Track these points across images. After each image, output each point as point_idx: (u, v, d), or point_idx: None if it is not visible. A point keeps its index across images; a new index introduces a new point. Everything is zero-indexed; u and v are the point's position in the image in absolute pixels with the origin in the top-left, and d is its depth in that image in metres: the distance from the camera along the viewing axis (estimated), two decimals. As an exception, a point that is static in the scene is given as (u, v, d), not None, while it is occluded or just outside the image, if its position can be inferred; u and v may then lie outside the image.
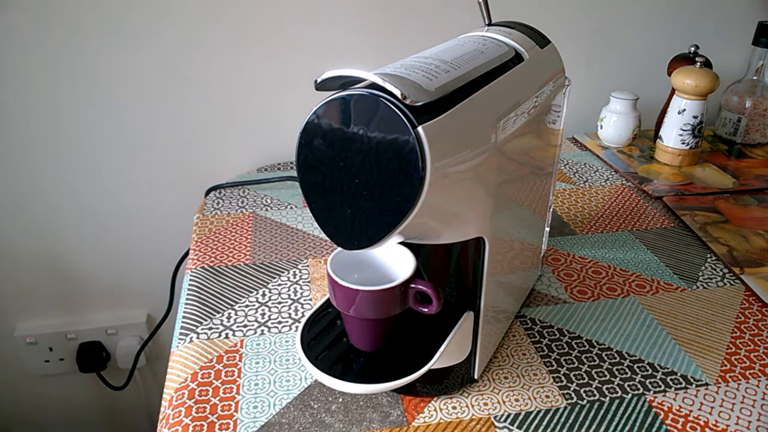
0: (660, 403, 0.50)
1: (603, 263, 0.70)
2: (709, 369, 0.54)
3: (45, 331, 1.07)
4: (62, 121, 0.92)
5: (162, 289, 1.07)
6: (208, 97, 0.95)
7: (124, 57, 0.90)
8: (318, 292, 0.65)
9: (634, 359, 0.55)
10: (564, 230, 0.77)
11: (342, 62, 0.98)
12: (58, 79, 0.90)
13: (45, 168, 0.95)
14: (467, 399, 0.51)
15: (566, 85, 0.57)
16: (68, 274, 1.05)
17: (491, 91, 0.42)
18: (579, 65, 1.06)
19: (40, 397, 1.16)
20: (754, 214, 0.81)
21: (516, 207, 0.50)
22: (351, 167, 0.35)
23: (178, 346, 0.57)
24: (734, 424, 0.48)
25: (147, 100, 0.93)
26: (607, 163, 0.96)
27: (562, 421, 0.49)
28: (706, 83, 0.88)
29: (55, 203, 0.98)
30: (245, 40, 0.92)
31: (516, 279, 0.56)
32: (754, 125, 1.02)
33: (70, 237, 1.01)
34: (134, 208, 1.01)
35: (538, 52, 0.52)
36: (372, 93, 0.34)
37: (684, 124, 0.92)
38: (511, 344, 0.57)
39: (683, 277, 0.67)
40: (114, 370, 1.13)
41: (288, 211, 0.82)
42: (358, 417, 0.49)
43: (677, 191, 0.87)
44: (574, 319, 0.60)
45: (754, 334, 0.59)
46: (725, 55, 1.03)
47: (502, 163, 0.43)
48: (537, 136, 0.51)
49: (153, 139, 0.96)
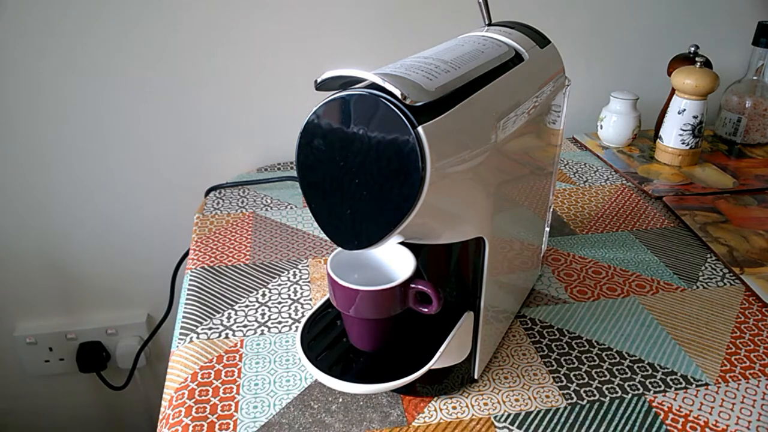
0: (660, 403, 0.50)
1: (603, 263, 0.70)
2: (709, 369, 0.54)
3: (45, 331, 1.07)
4: (62, 121, 0.92)
5: (162, 289, 1.07)
6: (208, 97, 0.95)
7: (124, 58, 0.90)
8: (318, 292, 0.65)
9: (634, 359, 0.55)
10: (564, 230, 0.77)
11: (342, 62, 0.98)
12: (58, 80, 0.90)
13: (45, 168, 0.95)
14: (467, 399, 0.51)
15: (566, 85, 0.57)
16: (68, 274, 1.05)
17: (491, 91, 0.42)
18: (579, 65, 1.06)
19: (40, 397, 1.16)
20: (754, 214, 0.81)
21: (516, 207, 0.50)
22: (351, 167, 0.35)
23: (178, 346, 0.57)
24: (734, 424, 0.48)
25: (147, 100, 0.93)
26: (607, 163, 0.96)
27: (562, 421, 0.49)
28: (706, 83, 0.88)
29: (55, 203, 0.98)
30: (245, 40, 0.92)
31: (516, 279, 0.57)
32: (754, 125, 1.02)
33: (70, 237, 1.01)
34: (134, 208, 1.01)
35: (538, 52, 0.52)
36: (372, 93, 0.34)
37: (684, 124, 0.92)
38: (511, 344, 0.57)
39: (683, 277, 0.67)
40: (114, 370, 1.13)
41: (288, 211, 0.82)
42: (358, 417, 0.49)
43: (677, 191, 0.87)
44: (574, 319, 0.60)
45: (754, 334, 0.59)
46: (725, 55, 1.03)
47: (502, 163, 0.43)
48: (537, 136, 0.51)
49: (153, 139, 0.96)
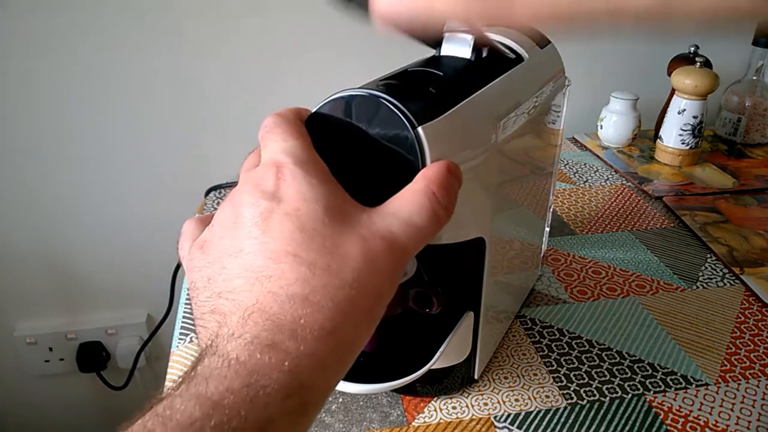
0: (660, 403, 0.50)
1: (603, 263, 0.70)
2: (709, 369, 0.54)
3: (45, 331, 1.07)
4: (62, 122, 0.92)
5: (162, 289, 1.06)
6: (209, 97, 0.95)
7: (124, 58, 0.90)
8: (318, 292, 0.65)
9: (634, 359, 0.55)
10: (564, 230, 0.77)
11: (342, 62, 0.98)
12: (58, 81, 0.90)
13: (45, 168, 0.95)
14: (467, 399, 0.51)
15: (566, 85, 0.57)
16: (68, 274, 1.05)
17: (491, 91, 0.42)
18: (579, 65, 1.06)
19: (40, 398, 1.16)
20: (754, 214, 0.81)
21: (516, 207, 0.50)
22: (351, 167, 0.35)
23: (178, 346, 0.57)
24: (734, 424, 0.48)
25: (147, 100, 0.93)
26: (607, 163, 0.96)
27: (562, 421, 0.49)
28: (706, 83, 0.88)
29: (55, 203, 0.98)
30: (245, 40, 0.92)
31: (516, 279, 0.56)
32: (754, 125, 1.02)
33: (71, 237, 1.01)
34: (134, 208, 1.01)
35: (538, 52, 0.52)
36: (372, 93, 0.34)
37: (684, 124, 0.92)
38: (511, 344, 0.57)
39: (683, 277, 0.67)
40: (114, 370, 1.13)
41: (288, 211, 0.82)
42: (358, 417, 0.49)
43: (677, 191, 0.87)
44: (574, 319, 0.60)
45: (754, 334, 0.59)
46: (725, 55, 1.03)
47: (502, 163, 0.43)
48: (537, 136, 0.51)
49: (153, 139, 0.96)
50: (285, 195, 0.28)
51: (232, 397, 0.23)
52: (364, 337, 0.28)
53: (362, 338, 0.28)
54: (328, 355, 0.26)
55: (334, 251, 0.27)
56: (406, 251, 0.29)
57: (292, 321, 0.25)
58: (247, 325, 0.25)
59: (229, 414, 0.23)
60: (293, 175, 0.29)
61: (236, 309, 0.26)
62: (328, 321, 0.26)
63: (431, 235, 0.30)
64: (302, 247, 0.27)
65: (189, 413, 0.23)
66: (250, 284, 0.27)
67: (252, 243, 0.28)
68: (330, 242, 0.27)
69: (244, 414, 0.23)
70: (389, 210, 0.29)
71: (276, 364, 0.24)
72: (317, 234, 0.27)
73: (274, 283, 0.26)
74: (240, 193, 0.30)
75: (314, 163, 0.30)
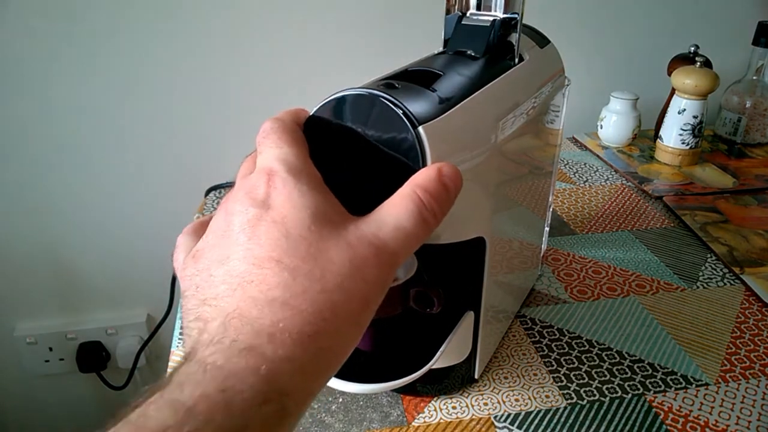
0: (660, 403, 0.50)
1: (603, 263, 0.70)
2: (709, 369, 0.54)
3: (45, 331, 1.07)
4: (62, 122, 0.92)
5: (162, 289, 1.06)
6: (208, 98, 0.95)
7: (124, 58, 0.90)
8: (318, 292, 0.65)
9: (634, 359, 0.55)
10: (564, 230, 0.77)
11: (341, 62, 0.98)
12: (58, 81, 0.90)
13: (45, 168, 0.95)
14: (467, 399, 0.51)
15: (566, 85, 0.57)
16: (68, 274, 1.05)
17: (491, 91, 0.42)
18: (579, 65, 1.06)
19: (40, 398, 1.16)
20: (754, 214, 0.81)
21: (516, 207, 0.50)
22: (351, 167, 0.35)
23: (178, 346, 0.57)
24: (734, 424, 0.48)
25: (147, 100, 0.93)
26: (607, 163, 0.96)
27: (562, 421, 0.49)
28: (706, 83, 0.88)
29: (55, 203, 0.98)
30: (245, 40, 0.92)
31: (516, 279, 0.56)
32: (754, 125, 1.02)
33: (71, 237, 1.01)
34: (134, 208, 1.01)
35: (537, 52, 0.52)
36: (372, 93, 0.34)
37: (684, 124, 0.92)
38: (511, 344, 0.57)
39: (683, 277, 0.67)
40: (114, 370, 1.13)
41: (288, 211, 0.82)
42: (358, 417, 0.49)
43: (677, 191, 0.87)
44: (574, 319, 0.60)
45: (754, 334, 0.59)
46: (725, 55, 1.03)
47: (502, 163, 0.43)
48: (537, 136, 0.51)
49: (153, 139, 0.96)
50: (274, 203, 0.28)
51: (207, 402, 0.23)
52: (349, 342, 0.27)
53: (347, 344, 0.27)
54: (308, 361, 0.25)
55: (318, 257, 0.27)
56: (395, 256, 0.29)
57: (270, 325, 0.25)
58: (227, 330, 0.25)
59: (203, 420, 0.22)
60: (284, 183, 0.29)
61: (218, 315, 0.26)
62: (308, 325, 0.25)
63: (421, 239, 0.29)
64: (286, 253, 0.27)
65: (162, 420, 0.22)
66: (233, 290, 0.26)
67: (238, 250, 0.27)
68: (314, 248, 0.27)
69: (220, 420, 0.22)
70: (378, 216, 0.29)
71: (253, 368, 0.24)
72: (302, 240, 0.27)
73: (255, 288, 0.26)
74: (233, 202, 0.30)
75: (307, 172, 0.30)
